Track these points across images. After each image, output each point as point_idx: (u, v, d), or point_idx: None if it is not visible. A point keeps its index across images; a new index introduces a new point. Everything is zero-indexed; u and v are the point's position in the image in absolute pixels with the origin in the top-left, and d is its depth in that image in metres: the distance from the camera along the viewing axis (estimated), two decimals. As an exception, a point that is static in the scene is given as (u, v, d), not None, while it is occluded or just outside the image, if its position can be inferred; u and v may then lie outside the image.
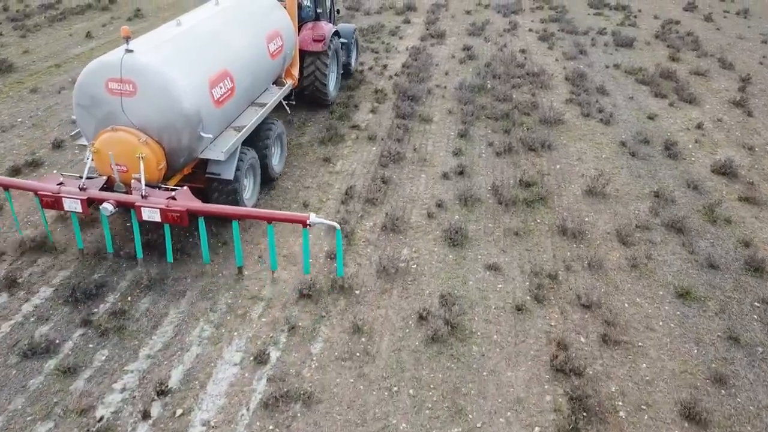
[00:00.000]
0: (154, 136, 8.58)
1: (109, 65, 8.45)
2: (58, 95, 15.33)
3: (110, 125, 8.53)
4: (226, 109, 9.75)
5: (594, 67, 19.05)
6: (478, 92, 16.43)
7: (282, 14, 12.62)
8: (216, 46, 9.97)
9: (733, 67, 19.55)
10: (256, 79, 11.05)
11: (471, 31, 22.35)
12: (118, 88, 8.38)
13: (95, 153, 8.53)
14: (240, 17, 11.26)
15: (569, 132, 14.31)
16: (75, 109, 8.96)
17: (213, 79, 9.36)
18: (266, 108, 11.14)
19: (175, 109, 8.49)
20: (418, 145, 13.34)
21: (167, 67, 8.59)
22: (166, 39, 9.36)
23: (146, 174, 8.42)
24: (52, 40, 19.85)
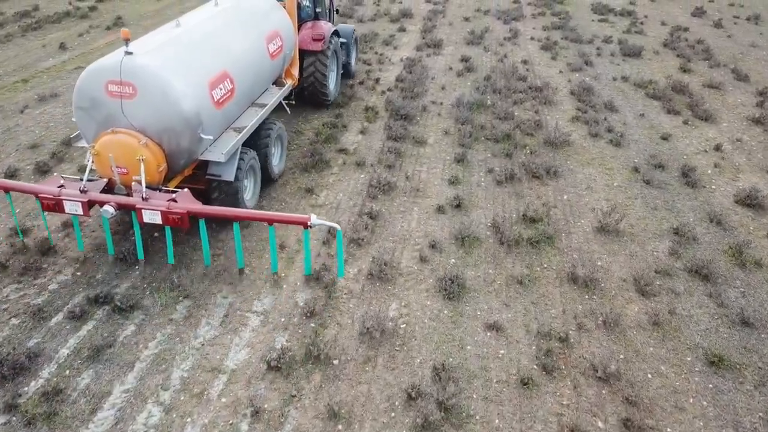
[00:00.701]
0: (155, 138, 8.53)
1: (109, 67, 8.36)
2: (21, 115, 14.10)
3: (110, 128, 8.50)
4: (226, 110, 9.67)
5: (601, 80, 17.83)
6: (476, 109, 15.21)
7: (281, 14, 12.49)
8: (215, 47, 9.86)
9: (748, 79, 18.33)
10: (256, 79, 10.97)
11: (469, 40, 21.12)
12: (118, 91, 8.33)
13: (96, 155, 8.50)
14: (239, 18, 11.12)
15: (577, 155, 13.08)
16: (75, 112, 8.83)
17: (213, 81, 9.28)
18: (266, 109, 11.06)
19: (175, 111, 8.42)
20: (410, 173, 12.12)
21: (166, 69, 8.49)
22: (166, 40, 9.21)
23: (147, 176, 8.38)
24: (23, 52, 18.61)
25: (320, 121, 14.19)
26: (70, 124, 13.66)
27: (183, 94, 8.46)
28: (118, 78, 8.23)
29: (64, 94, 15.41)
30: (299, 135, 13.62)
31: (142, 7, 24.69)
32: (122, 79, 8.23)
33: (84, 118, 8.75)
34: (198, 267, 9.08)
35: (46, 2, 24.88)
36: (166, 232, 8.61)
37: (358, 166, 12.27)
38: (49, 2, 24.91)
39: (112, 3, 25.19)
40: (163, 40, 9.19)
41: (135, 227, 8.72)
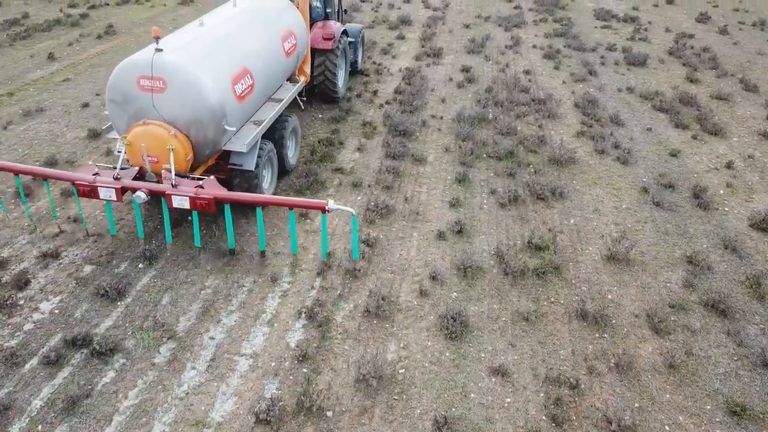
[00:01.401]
0: (183, 130, 9.15)
1: (141, 64, 8.94)
2: (4, 132, 13.55)
3: (141, 120, 9.09)
4: (246, 104, 10.30)
5: (605, 91, 17.31)
6: (478, 124, 14.69)
7: (295, 14, 13.22)
8: (236, 45, 10.50)
9: (757, 90, 17.82)
10: (272, 76, 11.60)
11: (470, 49, 20.59)
12: (149, 85, 8.93)
13: (128, 145, 9.06)
14: (257, 18, 11.82)
15: (583, 174, 12.56)
16: (108, 105, 9.38)
17: (235, 76, 9.93)
18: (283, 103, 11.75)
19: (202, 104, 9.03)
20: (409, 194, 11.59)
21: (194, 64, 9.10)
22: (191, 38, 9.85)
23: (175, 165, 8.97)
24: (11, 63, 18.06)
25: (316, 137, 13.67)
26: (55, 143, 13.15)
27: (209, 88, 9.07)
28: (149, 73, 8.85)
29: (50, 108, 14.88)
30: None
31: (134, 15, 24.14)
32: (153, 74, 8.85)
33: (116, 111, 9.36)
34: (185, 302, 8.56)
35: (36, 9, 24.34)
36: (194, 216, 9.40)
37: (355, 187, 11.74)
38: (40, 9, 24.37)
39: (104, 10, 24.64)
40: (188, 38, 9.84)
41: (164, 213, 9.21)
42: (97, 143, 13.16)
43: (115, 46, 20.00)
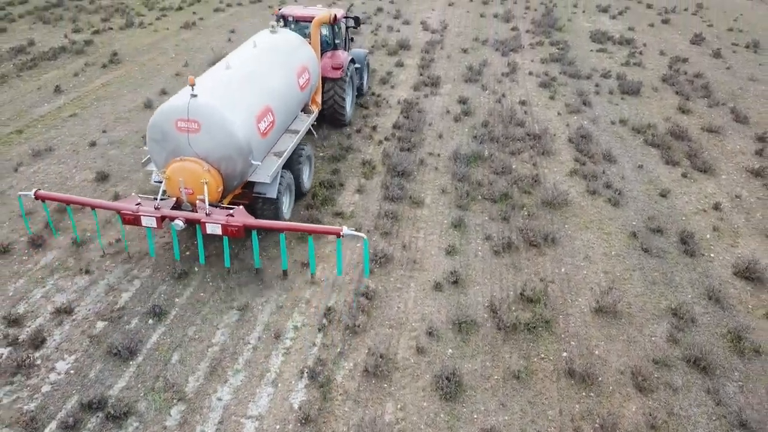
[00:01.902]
0: (215, 165, 10.35)
1: (179, 108, 10.10)
2: (15, 174, 13.99)
3: (179, 156, 10.29)
4: (269, 138, 11.58)
5: (599, 124, 17.75)
6: (474, 162, 15.13)
7: (308, 50, 14.46)
8: (259, 86, 11.66)
9: (747, 121, 18.27)
10: (289, 110, 12.86)
11: (467, 77, 21.02)
12: (186, 127, 10.11)
13: (167, 179, 10.23)
14: (275, 58, 12.99)
15: (575, 217, 13.01)
16: (148, 143, 10.60)
17: (258, 115, 11.15)
18: (300, 134, 12.99)
19: (232, 142, 10.26)
20: (407, 240, 12.04)
21: (225, 108, 10.26)
22: (220, 82, 11.05)
23: (209, 196, 10.19)
24: (18, 95, 18.49)
25: (317, 178, 14.10)
26: (64, 185, 13.59)
27: (237, 128, 10.27)
28: (186, 116, 10.01)
29: (58, 147, 15.32)
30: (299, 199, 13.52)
31: (137, 40, 24.55)
32: (189, 117, 10.02)
33: (156, 148, 10.53)
34: (193, 360, 9.02)
35: (41, 34, 24.76)
36: (224, 240, 10.36)
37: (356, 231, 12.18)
38: (45, 34, 24.79)
39: (108, 35, 25.05)
40: (218, 82, 11.01)
41: (198, 238, 10.47)
42: (105, 186, 13.59)
43: (120, 76, 20.42)
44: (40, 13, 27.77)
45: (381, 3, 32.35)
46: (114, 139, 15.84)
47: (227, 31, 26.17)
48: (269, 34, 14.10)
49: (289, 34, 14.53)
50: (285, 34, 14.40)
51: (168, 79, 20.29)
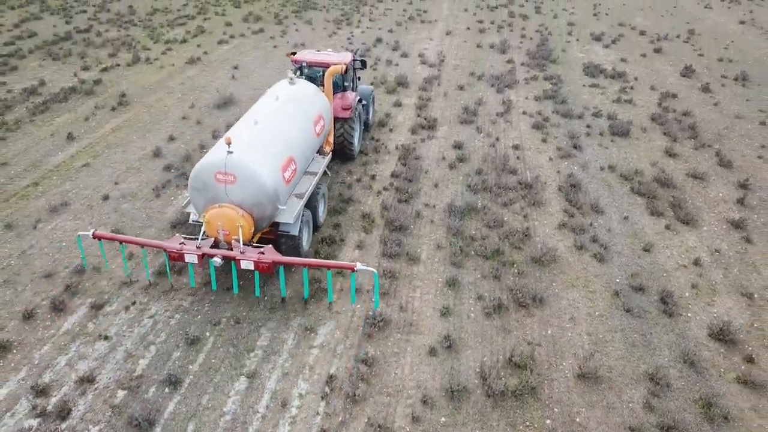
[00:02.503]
0: (247, 210, 12.19)
1: (217, 163, 11.95)
2: (34, 232, 14.81)
3: (217, 203, 12.18)
4: (291, 184, 13.41)
5: (589, 170, 18.56)
6: (468, 214, 15.94)
7: (322, 99, 16.19)
8: (283, 139, 13.51)
9: (731, 165, 19.06)
10: (308, 156, 14.68)
11: (463, 119, 21.83)
12: (224, 179, 11.98)
13: (207, 222, 12.14)
14: (295, 110, 14.69)
15: (562, 274, 13.81)
16: (190, 191, 12.49)
17: (283, 165, 12.99)
18: (317, 177, 14.71)
19: (262, 192, 12.12)
20: (404, 301, 12.85)
21: (256, 163, 12.14)
22: (251, 138, 12.80)
23: (242, 236, 11.99)
24: (33, 143, 19.32)
25: (320, 234, 14.91)
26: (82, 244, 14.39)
27: (266, 179, 12.11)
28: (224, 170, 11.89)
29: (73, 201, 16.13)
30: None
31: (144, 78, 25.37)
32: (227, 171, 11.89)
33: (197, 196, 12.41)
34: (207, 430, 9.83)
35: (51, 72, 25.60)
36: (255, 275, 12.13)
37: (356, 293, 12.99)
38: (54, 72, 25.63)
39: (116, 72, 25.88)
40: (249, 138, 12.77)
41: (233, 272, 12.19)
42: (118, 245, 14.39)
43: (129, 120, 21.25)
44: (49, 48, 28.61)
45: (380, 32, 33.20)
46: (126, 192, 16.66)
47: (231, 67, 27.00)
48: (288, 86, 15.65)
49: (306, 85, 16.09)
50: (302, 85, 15.97)
51: (175, 122, 21.12)
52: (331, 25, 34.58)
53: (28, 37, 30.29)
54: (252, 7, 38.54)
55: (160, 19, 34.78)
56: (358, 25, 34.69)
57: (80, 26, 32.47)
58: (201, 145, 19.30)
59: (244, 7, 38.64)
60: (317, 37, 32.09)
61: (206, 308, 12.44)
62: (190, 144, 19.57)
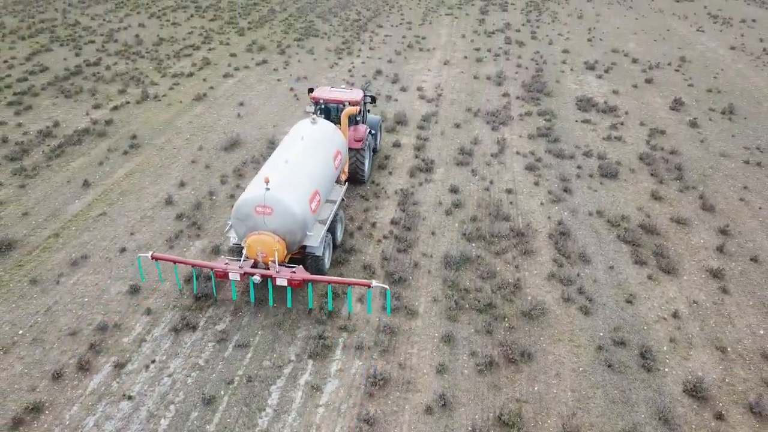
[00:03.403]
0: (282, 236, 14.78)
1: (257, 198, 14.52)
2: (57, 287, 15.86)
3: (256, 231, 14.75)
4: (317, 213, 15.99)
5: (578, 215, 19.59)
6: (463, 265, 16.98)
7: (339, 136, 18.65)
8: (309, 175, 16.02)
9: (713, 210, 20.09)
10: (328, 186, 17.21)
11: (459, 160, 22.88)
12: (262, 211, 14.54)
13: (247, 247, 14.76)
14: (318, 148, 17.22)
15: (550, 328, 14.85)
16: (233, 221, 14.98)
17: (310, 198, 15.56)
18: (337, 204, 17.22)
19: (294, 221, 14.71)
20: (403, 358, 13.89)
21: (290, 198, 14.75)
22: (284, 176, 15.34)
23: (278, 258, 14.58)
24: (51, 191, 20.37)
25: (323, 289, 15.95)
26: (101, 299, 15.46)
27: (297, 211, 14.70)
28: (263, 204, 14.46)
29: (92, 254, 17.18)
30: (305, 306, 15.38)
31: (153, 116, 26.43)
32: (265, 204, 14.45)
33: (238, 225, 14.92)
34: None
35: (64, 112, 26.66)
36: (288, 290, 14.81)
37: (358, 350, 14.05)
38: (68, 111, 26.69)
39: (126, 111, 26.93)
40: (282, 176, 15.28)
41: (269, 288, 14.59)
42: (138, 299, 15.47)
43: (141, 164, 22.31)
44: (60, 84, 29.68)
45: (380, 63, 34.23)
46: (141, 244, 17.72)
47: (236, 103, 28.05)
48: (311, 125, 18.10)
49: (325, 124, 18.49)
50: (322, 124, 18.37)
51: (185, 166, 22.17)
52: (333, 55, 35.63)
53: (40, 71, 31.35)
54: (255, 35, 39.58)
55: (166, 50, 35.83)
56: (358, 54, 35.73)
57: (90, 59, 33.53)
58: (210, 192, 20.36)
59: (247, 34, 39.68)
60: (319, 68, 33.14)
61: (220, 366, 13.52)
62: (199, 190, 20.63)
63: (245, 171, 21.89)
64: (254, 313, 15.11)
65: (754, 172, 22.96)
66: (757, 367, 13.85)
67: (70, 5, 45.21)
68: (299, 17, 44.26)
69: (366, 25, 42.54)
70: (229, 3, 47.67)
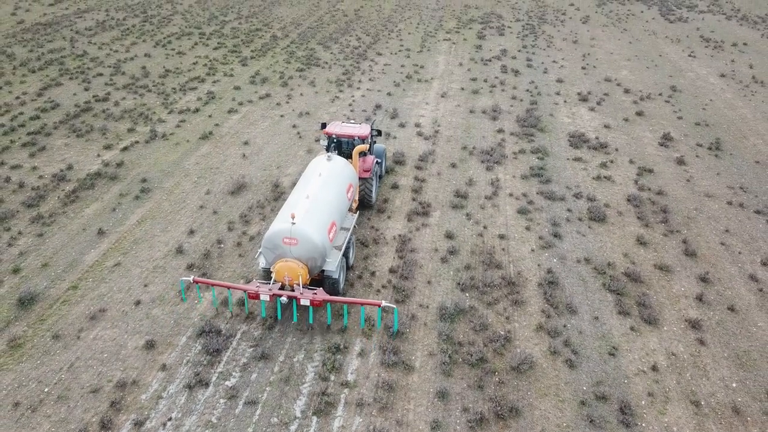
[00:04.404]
0: (305, 263, 17.24)
1: (284, 231, 16.94)
2: (78, 342, 17.00)
3: (283, 258, 17.22)
4: (334, 241, 18.43)
5: (566, 263, 20.70)
6: (457, 316, 18.10)
7: (351, 170, 21.03)
8: (327, 208, 18.40)
9: (695, 255, 21.20)
10: (343, 216, 19.53)
11: (454, 203, 24.01)
12: (289, 242, 16.97)
13: (276, 272, 17.16)
14: (334, 182, 19.60)
15: (537, 382, 15.97)
16: (263, 249, 17.47)
17: (329, 228, 17.97)
18: (351, 231, 19.63)
19: (316, 250, 17.16)
20: (400, 415, 15.01)
21: (312, 231, 17.15)
22: (306, 210, 17.69)
23: (302, 281, 17.13)
24: (68, 239, 21.51)
25: (328, 342, 17.09)
26: (119, 355, 16.59)
27: (318, 241, 17.12)
28: (289, 236, 16.88)
29: (109, 308, 18.32)
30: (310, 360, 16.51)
31: (162, 157, 27.58)
32: (292, 236, 16.87)
33: (268, 252, 17.38)
34: None
35: (77, 153, 27.80)
36: (310, 309, 17.36)
37: (358, 407, 15.18)
38: (80, 152, 27.84)
39: (135, 151, 28.08)
40: (304, 210, 17.62)
41: (293, 307, 17.42)
42: (153, 354, 16.61)
43: (152, 210, 23.45)
44: (71, 122, 30.83)
45: (379, 96, 35.36)
46: (155, 296, 18.86)
47: (241, 142, 29.20)
48: (327, 162, 20.34)
49: (339, 160, 20.75)
50: (336, 161, 20.61)
51: (193, 212, 23.32)
52: (334, 86, 36.77)
53: (51, 108, 32.51)
54: (258, 64, 40.72)
55: (172, 82, 36.98)
56: (358, 86, 36.86)
57: (99, 94, 34.70)
58: (218, 240, 21.51)
59: (250, 64, 40.83)
60: (320, 102, 34.28)
61: (231, 423, 14.65)
62: (208, 238, 21.78)
63: (251, 216, 23.04)
64: (262, 369, 16.24)
65: (736, 213, 24.08)
66: (728, 422, 14.97)
67: (78, 33, 46.36)
68: (301, 44, 45.39)
69: (366, 52, 43.66)
70: (232, 29, 48.80)
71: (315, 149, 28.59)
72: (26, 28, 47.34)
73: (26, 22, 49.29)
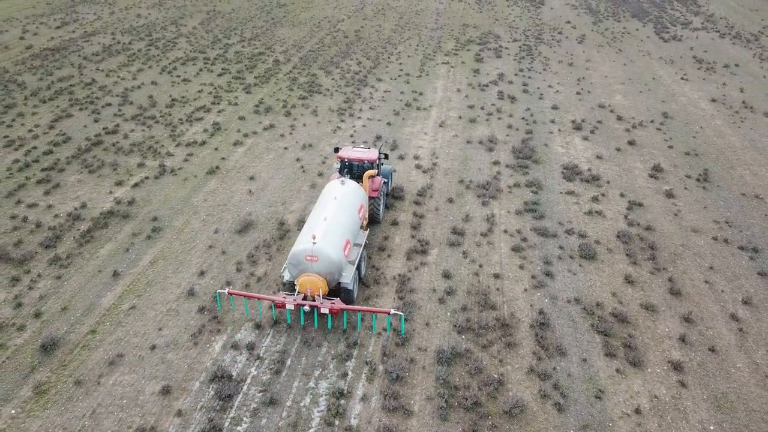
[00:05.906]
0: (324, 277, 20.20)
1: (307, 250, 19.90)
2: (99, 388, 18.19)
3: (305, 272, 20.17)
4: (348, 256, 21.25)
5: (557, 303, 21.85)
6: (454, 360, 19.27)
7: (362, 192, 23.85)
8: (342, 228, 21.28)
9: (680, 294, 22.34)
10: (355, 234, 22.38)
11: (451, 240, 25.15)
12: (310, 259, 19.96)
13: (299, 284, 20.04)
14: (347, 204, 22.37)
15: (528, 426, 17.14)
16: (287, 265, 20.55)
17: (344, 246, 20.87)
18: (363, 247, 22.65)
19: (334, 265, 20.14)
20: (400, 459, 16.22)
21: (330, 249, 20.11)
22: (325, 230, 20.61)
23: (322, 293, 20.06)
24: (85, 281, 22.68)
25: (329, 381, 18.25)
26: (137, 401, 17.76)
27: (336, 257, 20.10)
28: (311, 254, 19.86)
29: (126, 353, 19.51)
30: (315, 405, 17.68)
31: (171, 193, 28.74)
32: (313, 254, 19.85)
33: (292, 268, 20.34)
34: None
35: (89, 190, 28.96)
36: (329, 316, 20.10)
37: None
38: (93, 189, 29.00)
39: (146, 188, 29.24)
40: (323, 231, 20.52)
41: (314, 315, 20.39)
42: (169, 400, 17.79)
43: (163, 251, 24.62)
44: (83, 157, 32.00)
45: (379, 126, 36.49)
46: (169, 340, 20.04)
47: (247, 177, 30.35)
48: (341, 186, 23.10)
49: (351, 184, 23.46)
50: (349, 185, 23.31)
51: (203, 253, 24.48)
52: (335, 116, 37.90)
53: (63, 142, 33.66)
54: (262, 92, 41.85)
55: (178, 113, 38.13)
56: (359, 116, 37.98)
57: (108, 125, 35.86)
58: (228, 282, 22.68)
59: (254, 91, 41.96)
60: (323, 133, 35.43)
61: (244, 469, 15.83)
62: (217, 279, 22.95)
63: (258, 257, 24.20)
64: (271, 414, 17.41)
65: (720, 250, 25.22)
66: (704, 465, 16.15)
67: (85, 59, 47.52)
68: (303, 69, 46.52)
69: (366, 78, 44.78)
70: (236, 54, 49.94)
71: (318, 184, 29.72)
72: (35, 54, 48.50)
73: (35, 47, 50.46)
